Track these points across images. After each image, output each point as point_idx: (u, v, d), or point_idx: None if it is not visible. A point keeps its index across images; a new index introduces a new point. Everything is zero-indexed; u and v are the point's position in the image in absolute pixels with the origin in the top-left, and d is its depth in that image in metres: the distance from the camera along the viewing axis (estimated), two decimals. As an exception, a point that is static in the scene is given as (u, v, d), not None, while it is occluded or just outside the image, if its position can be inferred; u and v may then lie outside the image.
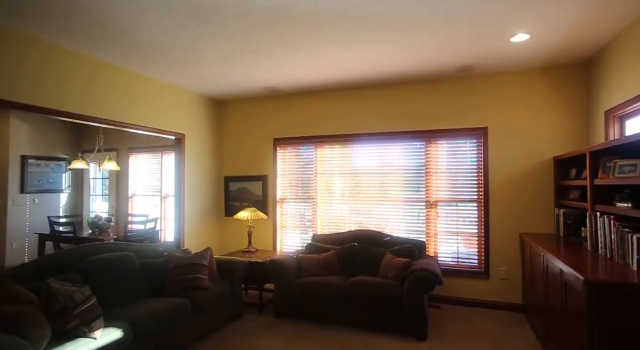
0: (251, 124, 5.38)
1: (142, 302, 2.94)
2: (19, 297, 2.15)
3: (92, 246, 3.16)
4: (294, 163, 5.18)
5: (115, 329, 2.43)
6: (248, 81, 4.50)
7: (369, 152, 4.75)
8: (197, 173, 5.09)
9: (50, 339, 2.15)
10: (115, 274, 2.98)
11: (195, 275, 3.30)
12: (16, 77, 3.02)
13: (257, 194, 5.28)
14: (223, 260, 3.79)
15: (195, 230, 5.00)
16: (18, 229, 5.98)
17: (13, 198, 5.93)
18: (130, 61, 3.77)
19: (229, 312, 3.64)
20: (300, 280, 3.74)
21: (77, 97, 3.50)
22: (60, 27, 2.95)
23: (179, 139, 4.83)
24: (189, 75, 4.26)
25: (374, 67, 3.92)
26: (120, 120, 3.94)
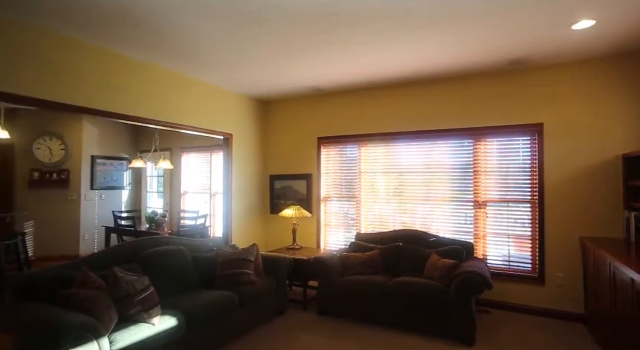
0: (295, 123, 5.48)
1: (193, 294, 3.12)
2: (92, 282, 2.39)
3: (150, 240, 3.41)
4: (337, 162, 5.21)
5: (171, 317, 2.61)
6: (291, 81, 4.59)
7: (414, 151, 4.65)
8: (243, 171, 5.29)
9: (116, 322, 2.35)
10: (170, 266, 3.20)
11: (242, 270, 3.44)
12: (88, 86, 3.33)
13: (301, 192, 5.38)
14: (268, 256, 3.91)
15: (242, 226, 5.20)
16: (88, 221, 6.60)
17: (85, 194, 6.56)
18: (183, 66, 4.00)
19: (274, 307, 3.75)
20: (343, 278, 3.77)
21: (137, 101, 3.78)
22: (125, 38, 3.20)
23: (227, 138, 5.04)
24: (235, 77, 4.43)
25: (419, 64, 3.83)
26: (174, 122, 4.20)
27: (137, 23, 2.90)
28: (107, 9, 2.67)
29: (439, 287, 3.30)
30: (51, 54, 3.10)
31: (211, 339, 2.96)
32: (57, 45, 3.14)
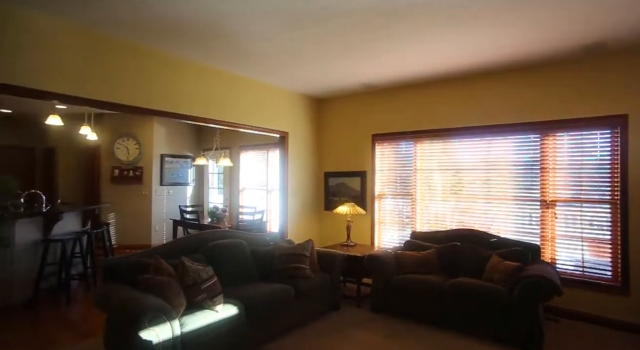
0: (350, 120, 5.49)
1: (252, 285, 3.29)
2: (164, 269, 2.62)
3: (213, 232, 3.64)
4: (392, 159, 5.13)
5: (232, 306, 2.78)
6: (345, 78, 4.60)
7: (472, 147, 4.44)
8: (299, 169, 5.42)
9: (185, 307, 2.56)
10: (231, 257, 3.39)
11: (298, 264, 3.54)
12: (157, 90, 3.64)
13: (355, 190, 5.38)
14: (323, 252, 3.98)
15: (297, 222, 5.34)
16: (158, 214, 7.22)
17: (155, 189, 7.18)
18: (242, 68, 4.21)
19: (328, 302, 3.82)
20: (398, 276, 3.72)
21: (200, 103, 4.05)
22: (191, 44, 3.45)
23: (283, 137, 5.20)
24: (291, 76, 4.55)
25: (480, 55, 3.64)
26: (233, 121, 4.43)
27: (202, 31, 3.11)
28: (172, 19, 2.90)
29: (500, 290, 3.13)
30: (126, 62, 3.44)
31: (268, 329, 3.10)
32: (128, 53, 3.47)
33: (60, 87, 3.00)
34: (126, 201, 7.02)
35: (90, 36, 3.18)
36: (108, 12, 2.84)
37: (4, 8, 2.71)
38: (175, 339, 2.32)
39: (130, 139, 7.13)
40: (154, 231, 7.12)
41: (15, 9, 2.77)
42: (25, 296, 4.12)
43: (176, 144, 7.67)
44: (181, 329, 2.38)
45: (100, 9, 2.78)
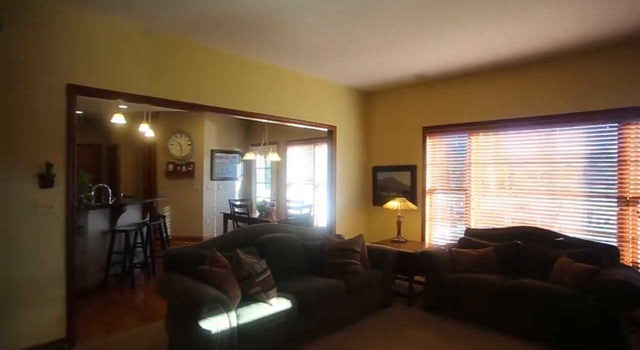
0: (399, 113, 5.32)
1: (302, 279, 3.29)
2: (220, 262, 2.69)
3: (265, 226, 3.70)
4: (444, 152, 4.91)
5: (285, 300, 2.79)
6: (396, 70, 4.45)
7: (532, 138, 4.12)
8: (347, 163, 5.35)
9: (240, 299, 2.61)
10: (282, 251, 3.41)
11: (349, 260, 3.49)
12: (205, 86, 3.73)
13: (405, 184, 5.22)
14: (374, 247, 3.90)
15: (345, 217, 5.29)
16: (209, 208, 7.51)
17: (206, 184, 7.47)
18: (291, 62, 4.21)
19: (379, 299, 3.74)
20: (454, 275, 3.55)
21: (249, 98, 4.11)
22: (240, 40, 3.50)
23: (330, 131, 5.16)
24: (339, 69, 4.48)
25: (540, 38, 3.33)
26: (282, 116, 4.45)
27: (253, 26, 3.13)
28: (226, 15, 2.94)
29: (572, 294, 2.86)
30: (180, 60, 3.56)
31: (320, 323, 3.08)
32: (182, 51, 3.58)
33: (123, 86, 3.16)
34: (179, 195, 7.38)
35: (148, 36, 3.32)
36: (166, 14, 2.94)
37: (73, 12, 2.90)
38: (232, 330, 2.37)
39: (183, 135, 7.46)
40: (205, 224, 7.42)
41: (86, 13, 2.95)
42: (97, 280, 4.47)
43: (225, 139, 7.91)
44: (237, 321, 2.43)
45: (159, 11, 2.88)
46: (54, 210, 2.82)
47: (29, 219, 2.72)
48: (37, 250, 2.76)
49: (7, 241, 2.63)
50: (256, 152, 5.93)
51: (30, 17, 2.71)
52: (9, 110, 2.64)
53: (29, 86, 2.71)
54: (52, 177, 2.79)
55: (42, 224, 2.77)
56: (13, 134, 2.65)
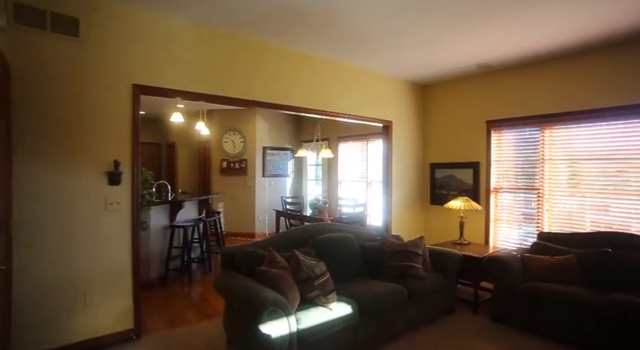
0: (459, 106, 4.96)
1: (361, 282, 3.13)
2: (278, 262, 2.62)
3: (321, 226, 3.59)
4: (511, 148, 4.49)
5: (345, 304, 2.65)
6: (456, 60, 4.13)
7: (623, 131, 3.60)
8: (403, 160, 5.10)
9: (298, 303, 2.52)
10: (340, 252, 3.28)
11: (410, 263, 3.28)
12: (259, 82, 3.68)
13: (466, 182, 4.87)
14: (436, 250, 3.65)
15: (400, 216, 5.05)
16: (261, 205, 7.59)
17: (258, 181, 7.56)
18: (344, 55, 4.05)
19: (441, 305, 3.48)
20: (528, 284, 3.19)
21: (302, 93, 4.02)
22: (290, 33, 3.40)
23: (386, 126, 4.93)
24: (396, 61, 4.25)
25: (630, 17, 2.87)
26: (336, 111, 4.30)
27: (308, 18, 3.01)
28: (280, 8, 2.84)
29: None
30: (235, 56, 3.54)
31: (380, 330, 2.91)
32: (236, 47, 3.56)
33: (182, 84, 3.20)
34: (233, 191, 7.53)
35: (204, 35, 3.33)
36: (221, 10, 2.92)
37: (137, 14, 2.97)
38: (292, 335, 2.28)
39: (235, 133, 7.60)
40: (257, 220, 7.52)
41: (147, 15, 3.01)
42: (158, 273, 4.66)
43: (276, 136, 7.95)
44: (297, 325, 2.33)
45: (215, 8, 2.86)
46: (121, 207, 2.92)
47: (100, 215, 2.83)
48: (107, 245, 2.87)
49: (80, 237, 2.76)
50: (308, 149, 5.85)
51: (102, 22, 2.81)
52: (83, 112, 2.76)
53: (99, 88, 2.82)
54: (120, 174, 2.88)
55: (110, 220, 2.88)
56: (86, 134, 2.77)
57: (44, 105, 2.62)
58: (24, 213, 2.54)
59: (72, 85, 2.72)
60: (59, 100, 2.67)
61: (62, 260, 2.69)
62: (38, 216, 2.60)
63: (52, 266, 2.65)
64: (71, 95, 2.71)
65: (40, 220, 2.60)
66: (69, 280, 2.72)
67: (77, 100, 2.74)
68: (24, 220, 2.54)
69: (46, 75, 2.62)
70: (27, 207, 2.56)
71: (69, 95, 2.71)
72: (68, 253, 2.71)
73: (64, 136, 2.69)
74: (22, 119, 2.54)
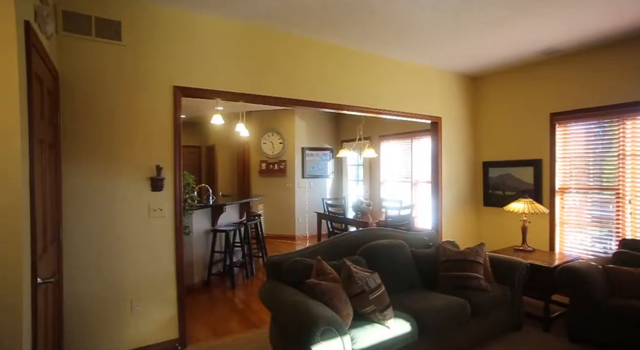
0: (517, 99, 4.51)
1: (417, 295, 2.85)
2: (328, 273, 2.41)
3: (369, 231, 3.33)
4: (581, 142, 3.99)
5: (403, 321, 2.39)
6: (516, 46, 3.72)
7: None
8: (453, 158, 4.72)
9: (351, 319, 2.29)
10: (392, 261, 3.01)
11: (470, 273, 2.95)
12: (299, 80, 3.49)
13: (525, 182, 4.41)
14: (498, 258, 3.28)
15: (451, 219, 4.68)
16: (301, 206, 7.45)
17: (297, 182, 7.42)
18: (388, 47, 3.78)
19: (506, 320, 3.12)
20: (616, 300, 2.76)
21: (344, 90, 3.79)
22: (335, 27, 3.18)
23: (435, 123, 4.58)
24: (446, 52, 3.91)
25: None
26: (380, 108, 4.03)
27: (349, 10, 2.77)
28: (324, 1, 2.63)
29: None
30: (275, 53, 3.37)
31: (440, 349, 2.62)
32: (274, 44, 3.38)
33: (222, 84, 3.07)
34: (272, 193, 7.44)
35: (242, 33, 3.19)
36: (261, 7, 2.75)
37: (176, 15, 2.87)
38: (347, 355, 2.06)
39: (274, 134, 7.50)
40: (297, 223, 7.38)
41: (186, 14, 2.91)
42: (201, 278, 4.61)
43: (315, 136, 7.77)
44: (352, 346, 2.11)
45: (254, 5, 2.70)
46: (163, 213, 2.84)
47: (143, 222, 2.76)
48: (151, 252, 2.80)
49: (124, 245, 2.70)
50: (350, 149, 5.60)
51: (141, 24, 2.74)
52: (125, 117, 2.70)
53: (141, 92, 2.75)
54: (162, 180, 2.80)
55: (154, 227, 2.80)
56: (128, 139, 2.71)
57: (88, 111, 2.58)
58: (71, 222, 2.51)
59: (115, 90, 2.66)
60: (103, 106, 2.63)
61: (108, 269, 2.64)
62: (83, 225, 2.56)
63: (99, 275, 2.61)
64: (114, 100, 2.66)
65: (85, 229, 2.56)
66: (115, 289, 2.66)
67: (120, 105, 2.68)
68: (72, 229, 2.51)
69: (90, 81, 2.58)
70: (73, 216, 2.52)
71: (112, 100, 2.66)
72: (113, 262, 2.66)
73: (108, 142, 2.64)
74: (68, 125, 2.51)
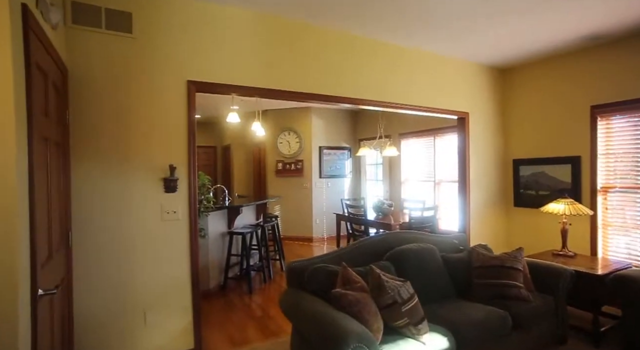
0: (551, 91, 4.19)
1: (451, 305, 2.60)
2: (354, 282, 2.19)
3: (396, 235, 3.10)
4: (628, 137, 3.65)
5: (439, 336, 2.15)
6: (553, 33, 3.43)
7: None
8: (480, 156, 4.43)
9: (382, 333, 2.06)
10: (423, 267, 2.76)
11: (509, 281, 2.68)
12: (317, 73, 3.27)
13: (561, 181, 4.09)
14: (538, 264, 2.99)
15: (479, 221, 4.39)
16: (318, 207, 7.24)
17: (315, 182, 7.22)
18: (411, 37, 3.53)
19: (550, 334, 2.83)
20: (679, 314, 2.45)
21: (364, 83, 3.55)
22: (352, 14, 2.96)
23: (461, 118, 4.30)
24: (475, 42, 3.65)
25: None
26: (402, 102, 3.77)
27: None
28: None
29: None
30: (293, 45, 3.17)
31: (480, 366, 2.37)
32: (292, 35, 3.18)
33: (238, 79, 2.89)
34: (289, 193, 7.26)
35: (260, 24, 3.00)
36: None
37: (191, 5, 2.70)
38: (380, 375, 1.84)
39: (291, 133, 7.32)
40: (315, 224, 7.18)
41: (201, 4, 2.74)
42: (217, 283, 4.46)
43: (333, 135, 7.55)
44: (385, 364, 1.88)
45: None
46: (177, 216, 2.67)
47: (156, 225, 2.60)
48: (164, 258, 2.64)
49: (136, 250, 2.54)
50: (370, 147, 5.36)
51: (153, 15, 2.58)
52: (136, 113, 2.54)
53: (152, 87, 2.59)
54: (176, 180, 2.63)
55: (167, 231, 2.64)
56: (140, 137, 2.55)
57: (97, 108, 2.43)
58: (80, 226, 2.37)
59: (125, 86, 2.51)
60: (112, 103, 2.48)
61: (119, 276, 2.48)
62: (92, 229, 2.41)
63: (109, 283, 2.45)
64: (124, 96, 2.51)
65: (94, 234, 2.41)
66: (127, 297, 2.51)
67: (130, 101, 2.53)
68: (81, 234, 2.37)
69: (100, 76, 2.44)
70: (83, 219, 2.38)
71: (122, 96, 2.50)
72: (124, 268, 2.50)
73: (117, 140, 2.49)
74: (77, 123, 2.37)
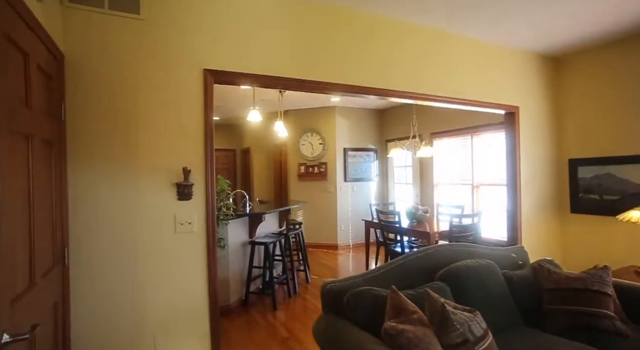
0: (614, 81, 3.64)
1: (524, 338, 2.10)
2: (409, 311, 1.74)
3: (444, 248, 2.62)
4: None
5: (522, 384, 1.67)
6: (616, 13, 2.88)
7: None
8: (529, 156, 3.90)
9: (449, 380, 1.61)
10: (483, 289, 2.29)
11: (597, 309, 2.17)
12: (347, 61, 2.88)
13: (634, 183, 3.53)
14: (629, 287, 2.45)
15: (529, 229, 3.85)
16: (343, 212, 6.80)
17: (339, 186, 6.78)
18: (453, 22, 3.05)
19: (645, 372, 2.29)
20: None
21: (399, 73, 3.12)
22: None
23: (510, 113, 3.79)
24: (522, 24, 3.15)
25: None
26: (437, 95, 3.29)
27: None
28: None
29: None
30: (322, 29, 2.77)
31: None
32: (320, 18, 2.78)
33: (259, 67, 2.50)
34: (312, 198, 6.84)
35: (286, 6, 2.61)
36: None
37: (209, -19, 2.34)
38: None
39: (313, 134, 6.93)
40: (340, 230, 6.74)
41: (219, -19, 2.37)
42: (238, 297, 4.08)
43: (358, 136, 7.11)
44: None
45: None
46: (193, 227, 2.29)
47: (168, 239, 2.22)
48: (177, 277, 2.26)
49: (145, 268, 2.16)
50: (403, 147, 4.89)
51: (162, -8, 2.23)
52: (144, 106, 2.18)
53: (164, 76, 2.23)
54: (191, 186, 2.26)
55: (181, 245, 2.26)
56: (149, 135, 2.19)
57: (99, 100, 2.09)
58: (79, 240, 2.01)
59: (132, 75, 2.16)
60: (117, 94, 2.12)
61: (124, 297, 2.11)
62: (93, 244, 2.05)
63: (114, 305, 2.09)
64: (130, 87, 2.15)
65: (96, 250, 2.06)
66: (134, 322, 2.14)
67: (138, 93, 2.17)
68: (79, 249, 2.01)
69: (102, 64, 2.09)
70: (81, 232, 2.02)
71: (128, 87, 2.15)
72: (130, 289, 2.13)
73: (124, 138, 2.13)
74: (75, 119, 2.03)
